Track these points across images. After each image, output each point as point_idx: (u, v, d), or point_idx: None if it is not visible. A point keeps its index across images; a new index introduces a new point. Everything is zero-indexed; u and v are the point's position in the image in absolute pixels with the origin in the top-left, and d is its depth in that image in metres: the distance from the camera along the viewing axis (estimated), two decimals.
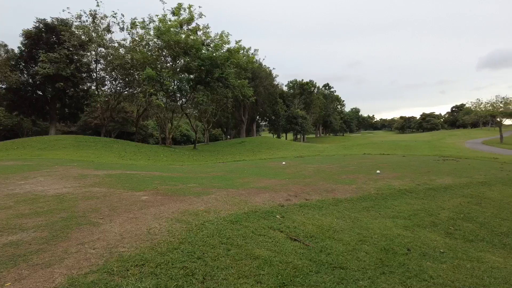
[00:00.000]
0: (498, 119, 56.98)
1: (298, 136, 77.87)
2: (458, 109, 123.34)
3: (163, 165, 17.74)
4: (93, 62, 33.55)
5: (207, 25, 32.65)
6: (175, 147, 37.24)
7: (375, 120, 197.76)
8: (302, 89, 77.20)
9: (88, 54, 32.59)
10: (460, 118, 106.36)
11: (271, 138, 51.59)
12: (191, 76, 33.49)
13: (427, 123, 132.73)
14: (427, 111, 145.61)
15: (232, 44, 34.80)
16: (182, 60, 31.72)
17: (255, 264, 3.47)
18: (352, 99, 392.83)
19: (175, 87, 32.80)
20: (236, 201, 6.08)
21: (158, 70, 30.30)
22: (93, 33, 31.53)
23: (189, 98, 34.95)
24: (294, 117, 67.24)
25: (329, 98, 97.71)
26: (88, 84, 35.21)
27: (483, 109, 57.74)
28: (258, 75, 51.60)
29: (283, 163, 15.14)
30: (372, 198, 7.18)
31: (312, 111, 79.51)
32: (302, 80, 78.60)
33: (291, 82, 79.87)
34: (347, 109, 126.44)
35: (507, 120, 58.50)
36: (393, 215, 6.10)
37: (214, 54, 31.37)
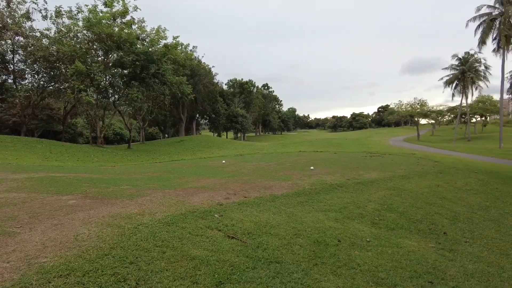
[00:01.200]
0: (416, 119, 63.77)
1: (239, 135, 78.44)
2: (384, 110, 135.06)
3: (94, 166, 16.54)
4: (9, 52, 29.86)
5: (143, 19, 31.11)
6: (108, 146, 34.97)
7: (310, 119, 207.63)
8: (242, 88, 77.99)
9: (3, 42, 28.93)
10: (385, 118, 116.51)
11: (211, 136, 51.27)
12: (124, 71, 31.66)
13: (357, 122, 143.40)
14: (357, 111, 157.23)
15: (169, 40, 33.64)
16: (115, 55, 29.79)
17: (191, 265, 3.42)
18: (291, 99, 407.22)
19: (107, 82, 30.71)
20: (173, 202, 5.92)
21: (88, 64, 28.07)
22: (8, 19, 28.02)
23: (123, 94, 33.04)
24: (235, 115, 67.63)
25: (268, 98, 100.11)
26: (4, 76, 31.29)
27: (404, 109, 64.09)
28: (197, 73, 50.77)
29: (223, 162, 15.14)
30: (306, 193, 7.53)
31: (252, 110, 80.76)
32: (242, 79, 79.45)
33: (231, 80, 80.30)
34: (284, 108, 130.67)
35: (423, 119, 65.82)
36: (325, 209, 6.47)
37: (150, 49, 30.04)
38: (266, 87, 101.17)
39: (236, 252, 3.89)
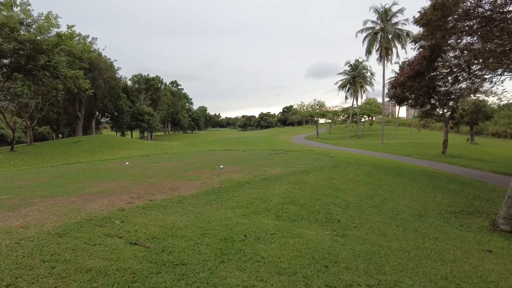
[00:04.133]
0: (315, 119, 69.73)
1: (145, 134, 74.31)
2: (288, 110, 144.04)
3: None
4: None
5: (28, 1, 27.00)
6: None
7: (221, 118, 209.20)
8: (148, 85, 73.98)
9: None
10: (289, 118, 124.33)
11: (114, 136, 47.29)
12: (4, 61, 27.08)
13: (264, 121, 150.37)
14: (265, 111, 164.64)
15: (63, 29, 29.95)
16: None
17: (87, 277, 3.12)
18: (204, 98, 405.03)
19: None
20: (66, 210, 5.31)
21: None
22: None
23: (3, 88, 28.19)
24: (140, 113, 63.73)
25: (177, 95, 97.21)
26: None
27: (305, 110, 69.45)
28: (97, 66, 46.36)
29: (127, 163, 14.18)
30: (215, 192, 7.57)
31: (160, 108, 77.28)
32: (148, 75, 75.38)
33: (135, 76, 75.38)
34: (195, 107, 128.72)
35: (321, 119, 72.41)
36: (233, 206, 6.61)
37: (38, 38, 26.32)
38: (175, 84, 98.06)
39: (138, 259, 3.69)
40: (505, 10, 11.70)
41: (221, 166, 11.59)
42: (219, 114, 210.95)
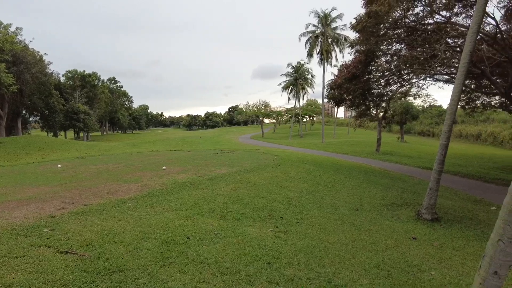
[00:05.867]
0: (261, 118, 70.96)
1: (81, 134, 69.12)
2: (234, 109, 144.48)
3: None
4: None
5: None
6: None
7: (165, 117, 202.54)
8: (84, 81, 68.91)
9: None
10: (235, 117, 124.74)
11: (45, 137, 43.21)
12: None
13: (210, 121, 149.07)
14: (211, 110, 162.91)
15: None
16: None
17: None
18: (147, 96, 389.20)
19: None
20: None
21: None
22: None
23: None
24: (75, 112, 59.04)
25: (116, 93, 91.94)
26: None
27: (250, 110, 70.25)
28: (23, 60, 41.90)
29: (59, 166, 13.06)
30: (157, 194, 7.31)
31: (97, 106, 72.42)
32: (84, 71, 70.23)
33: (70, 72, 69.72)
34: (135, 105, 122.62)
35: (266, 119, 73.92)
36: (176, 208, 6.43)
37: None
38: (113, 81, 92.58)
39: (70, 268, 3.42)
40: (426, 22, 12.99)
41: (164, 167, 11.23)
42: (162, 113, 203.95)
